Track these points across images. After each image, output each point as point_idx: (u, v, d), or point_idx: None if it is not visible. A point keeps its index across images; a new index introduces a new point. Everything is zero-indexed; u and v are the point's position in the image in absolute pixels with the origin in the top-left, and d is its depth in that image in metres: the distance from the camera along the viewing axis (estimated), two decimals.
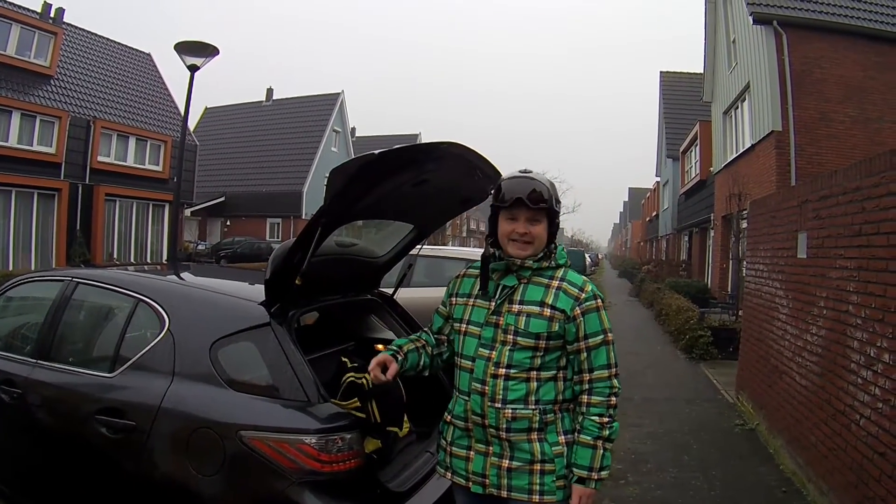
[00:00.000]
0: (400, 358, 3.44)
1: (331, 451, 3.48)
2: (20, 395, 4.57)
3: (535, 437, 3.13)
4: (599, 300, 3.26)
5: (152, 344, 4.11)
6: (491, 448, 3.18)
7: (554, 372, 3.20)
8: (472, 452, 3.24)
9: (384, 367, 3.36)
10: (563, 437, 3.16)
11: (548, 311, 3.16)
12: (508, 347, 3.17)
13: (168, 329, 4.09)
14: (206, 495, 3.62)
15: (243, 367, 3.95)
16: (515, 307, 3.21)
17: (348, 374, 4.63)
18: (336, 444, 3.50)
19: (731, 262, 21.06)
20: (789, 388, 7.33)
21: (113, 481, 4.03)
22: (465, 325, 3.34)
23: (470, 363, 3.26)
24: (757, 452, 7.94)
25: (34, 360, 4.69)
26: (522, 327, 3.16)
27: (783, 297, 7.86)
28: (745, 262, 12.53)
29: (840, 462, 5.68)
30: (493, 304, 3.26)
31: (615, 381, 3.19)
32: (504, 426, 3.12)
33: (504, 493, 3.14)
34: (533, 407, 3.13)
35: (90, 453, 4.12)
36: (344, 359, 4.84)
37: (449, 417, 3.38)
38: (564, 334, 3.17)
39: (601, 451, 3.09)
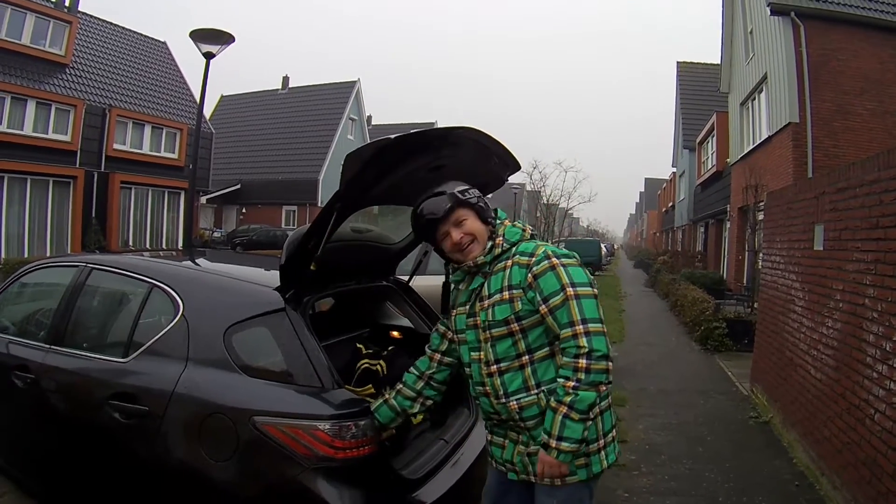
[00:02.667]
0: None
1: (345, 437, 3.48)
2: (34, 380, 4.60)
3: None
4: (555, 259, 3.12)
5: (166, 329, 4.11)
6: (520, 436, 3.22)
7: (548, 349, 3.16)
8: (506, 441, 3.31)
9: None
10: None
11: (507, 294, 3.16)
12: (490, 343, 3.21)
13: (182, 314, 4.09)
14: (218, 481, 3.62)
15: (257, 352, 3.95)
16: (486, 303, 3.23)
17: (363, 361, 4.64)
18: (350, 430, 3.50)
19: (746, 253, 20.98)
20: (804, 382, 7.30)
21: (126, 466, 4.05)
22: (456, 335, 3.44)
23: (468, 369, 3.34)
24: (771, 445, 7.91)
25: (48, 346, 4.71)
26: (491, 318, 3.18)
27: (799, 289, 7.82)
28: (760, 254, 12.50)
29: (854, 457, 5.64)
30: (468, 307, 3.34)
31: (583, 340, 2.95)
32: (517, 417, 3.14)
33: (533, 479, 3.18)
34: (535, 391, 3.13)
35: (103, 438, 4.14)
36: (359, 345, 4.84)
37: (484, 413, 3.44)
38: (534, 306, 3.11)
39: (560, 416, 2.93)
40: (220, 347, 3.85)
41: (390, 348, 4.81)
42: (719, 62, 28.67)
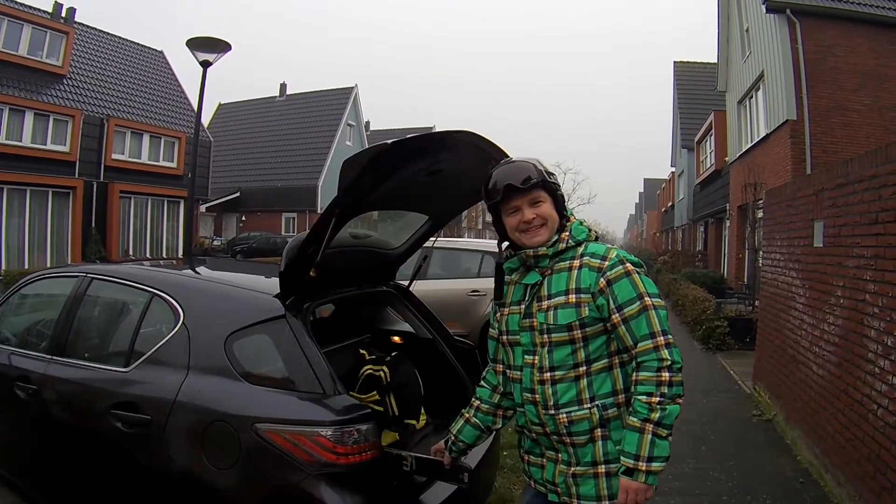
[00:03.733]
0: (450, 443, 3.48)
1: (347, 443, 3.47)
2: (35, 391, 4.59)
3: (599, 434, 2.92)
4: (630, 264, 2.95)
5: (167, 338, 4.11)
6: (560, 455, 3.02)
7: (606, 361, 2.97)
8: (544, 460, 3.11)
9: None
10: None
11: (573, 297, 2.94)
12: (546, 349, 2.98)
13: (183, 323, 4.09)
14: (221, 488, 3.62)
15: (259, 359, 3.95)
16: (545, 304, 3.00)
17: (366, 367, 4.62)
18: (352, 436, 3.49)
19: (747, 251, 21.00)
20: (806, 379, 7.30)
21: (128, 475, 4.05)
22: (505, 336, 3.19)
23: (518, 373, 3.11)
24: (774, 443, 7.93)
25: (49, 357, 4.71)
26: (552, 322, 2.96)
27: (800, 286, 7.82)
28: (761, 252, 12.51)
29: (857, 452, 5.65)
30: (524, 307, 3.09)
31: (665, 353, 2.81)
32: (564, 431, 2.96)
33: (574, 502, 2.99)
34: (588, 406, 2.93)
35: (105, 448, 4.14)
36: (362, 351, 4.84)
37: (518, 427, 3.26)
38: (601, 314, 2.92)
39: (649, 435, 2.75)
40: (221, 355, 3.85)
41: (393, 354, 4.81)
42: (716, 61, 28.71)
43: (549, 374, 2.98)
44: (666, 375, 2.79)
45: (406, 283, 5.52)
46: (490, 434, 3.48)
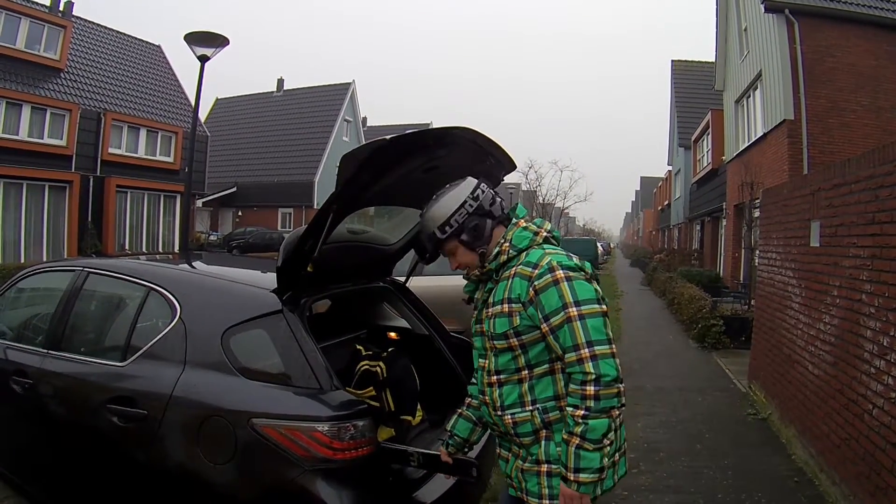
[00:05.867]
0: (446, 438, 3.52)
1: (343, 438, 3.46)
2: (31, 385, 4.58)
3: (544, 436, 2.96)
4: (561, 272, 2.89)
5: (164, 332, 4.10)
6: (520, 451, 3.09)
7: (548, 366, 2.98)
8: (509, 454, 3.19)
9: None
10: None
11: (506, 307, 2.99)
12: (493, 353, 3.08)
13: (180, 317, 4.08)
14: (217, 483, 3.62)
15: (255, 354, 3.95)
16: (490, 310, 3.08)
17: (363, 363, 4.62)
18: (348, 431, 3.49)
19: (743, 250, 20.99)
20: (802, 378, 7.30)
21: (124, 470, 4.04)
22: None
23: (476, 374, 3.28)
24: (769, 442, 7.93)
25: (45, 351, 4.70)
26: (492, 329, 3.04)
27: (796, 286, 7.82)
28: (757, 251, 12.50)
29: (852, 452, 5.65)
30: (476, 313, 3.25)
31: (589, 366, 2.75)
32: (512, 432, 3.04)
33: (525, 497, 3.06)
34: (530, 408, 2.97)
35: (101, 442, 4.12)
36: (359, 347, 4.83)
37: None
38: (533, 322, 2.92)
39: (573, 448, 2.76)
40: (218, 350, 3.84)
41: (390, 349, 4.81)
42: (714, 60, 28.68)
43: (495, 377, 3.09)
44: (591, 389, 2.75)
45: (403, 279, 5.52)
46: (482, 426, 3.47)
